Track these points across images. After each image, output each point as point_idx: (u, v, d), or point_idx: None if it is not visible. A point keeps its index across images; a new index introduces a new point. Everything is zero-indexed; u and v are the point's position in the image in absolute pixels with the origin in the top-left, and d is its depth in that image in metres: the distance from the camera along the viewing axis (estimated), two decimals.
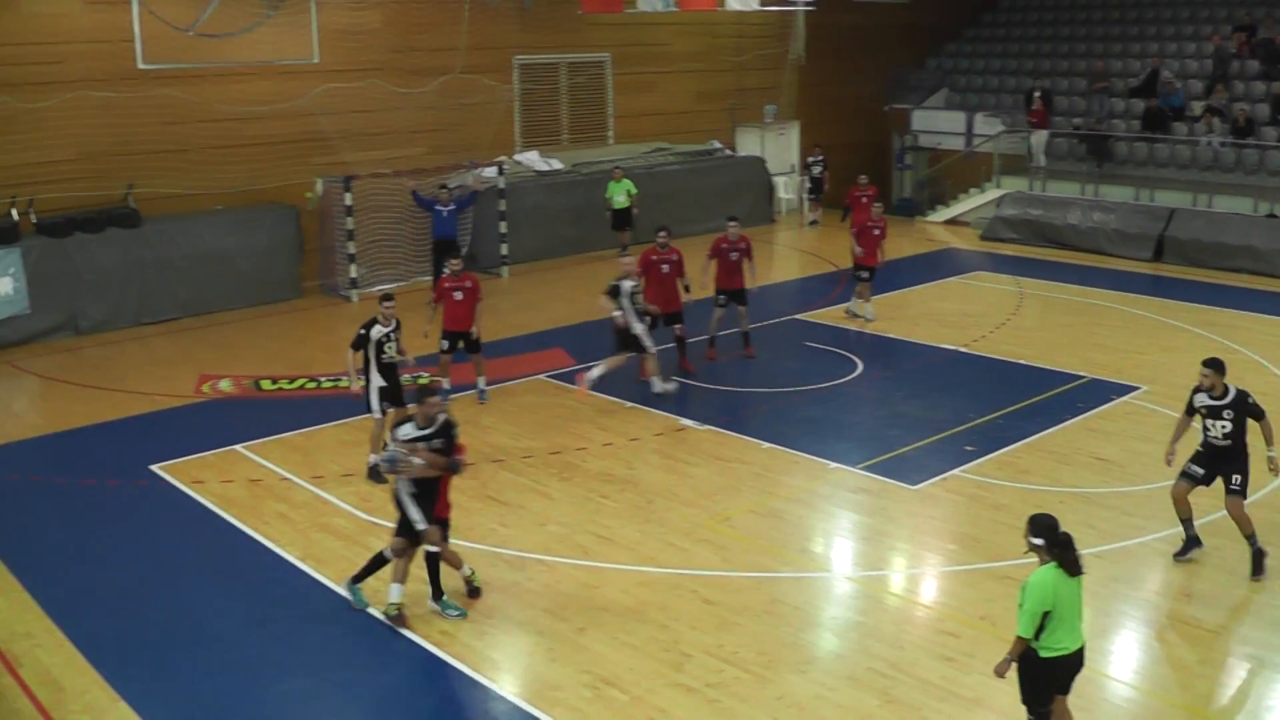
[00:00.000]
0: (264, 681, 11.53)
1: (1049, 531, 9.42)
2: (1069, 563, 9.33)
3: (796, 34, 37.58)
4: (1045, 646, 9.40)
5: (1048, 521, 9.50)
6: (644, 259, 20.49)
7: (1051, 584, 9.29)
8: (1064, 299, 26.42)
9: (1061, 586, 9.29)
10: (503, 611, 12.85)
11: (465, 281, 19.08)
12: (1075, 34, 41.16)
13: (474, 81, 30.55)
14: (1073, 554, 9.35)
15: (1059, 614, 9.30)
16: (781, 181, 38.43)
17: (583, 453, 17.36)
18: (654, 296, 20.34)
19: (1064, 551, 9.34)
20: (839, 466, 16.74)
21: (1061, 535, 9.38)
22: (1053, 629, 9.34)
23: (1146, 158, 33.46)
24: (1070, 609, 9.35)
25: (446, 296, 18.97)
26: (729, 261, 21.57)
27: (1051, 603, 9.25)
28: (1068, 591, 9.32)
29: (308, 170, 27.71)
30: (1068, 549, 9.34)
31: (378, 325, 16.26)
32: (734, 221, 22.15)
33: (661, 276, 20.42)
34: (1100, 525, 14.61)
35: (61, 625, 12.61)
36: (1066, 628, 9.37)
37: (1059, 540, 9.37)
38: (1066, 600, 9.31)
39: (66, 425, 19.02)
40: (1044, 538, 9.42)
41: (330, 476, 16.54)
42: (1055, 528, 9.44)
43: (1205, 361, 13.94)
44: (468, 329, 19.11)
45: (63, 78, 24.51)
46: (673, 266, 20.51)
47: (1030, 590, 9.31)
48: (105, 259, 24.51)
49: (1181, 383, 19.84)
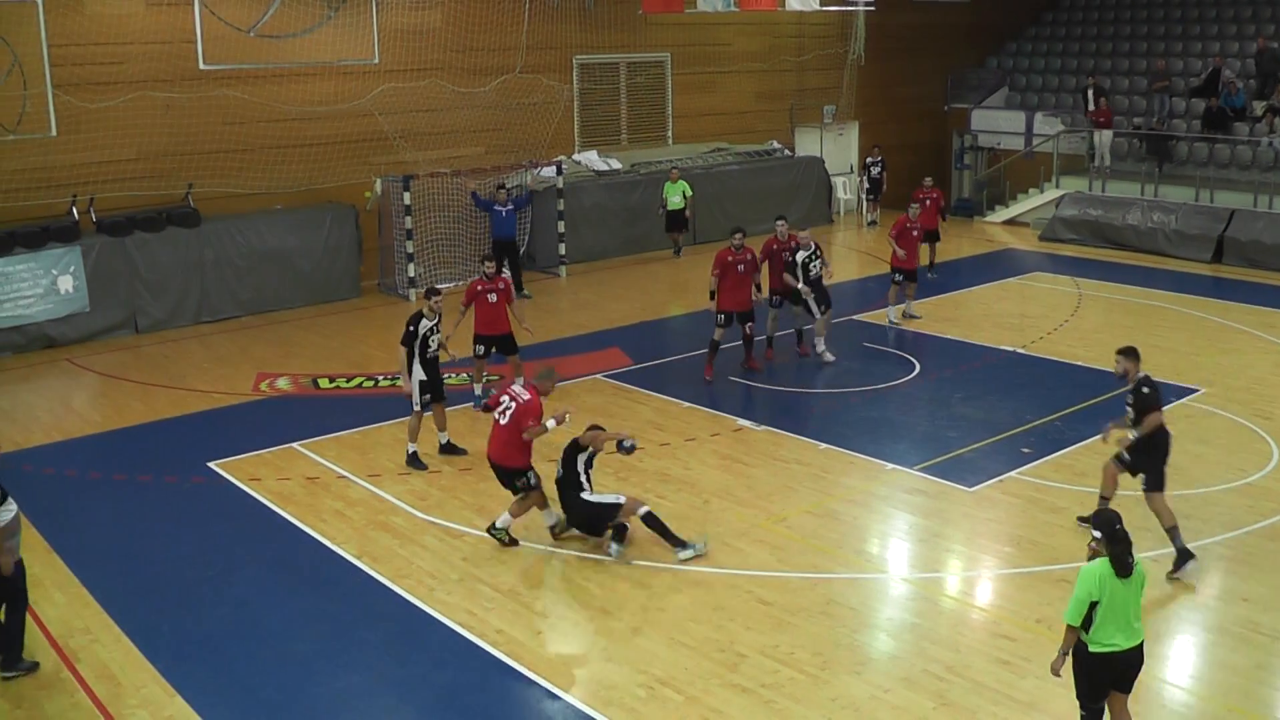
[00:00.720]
0: (320, 678, 11.59)
1: (1108, 526, 9.51)
2: (1118, 560, 9.36)
3: (856, 34, 37.44)
4: (1095, 641, 9.43)
5: (1109, 516, 9.62)
6: (719, 259, 20.43)
7: (1100, 576, 9.35)
8: (1123, 300, 26.21)
9: (1112, 582, 9.32)
10: (558, 611, 12.88)
11: (499, 283, 19.12)
12: (1136, 33, 40.86)
13: (534, 81, 30.63)
14: (1125, 553, 9.37)
15: (1108, 608, 9.33)
16: (840, 182, 38.35)
17: (640, 452, 17.29)
18: (728, 296, 20.36)
19: (1116, 547, 9.39)
20: (895, 468, 16.67)
21: (1119, 531, 9.43)
22: (1101, 623, 9.37)
23: (1207, 158, 33.18)
24: (1123, 606, 9.37)
25: (480, 299, 18.97)
26: (782, 261, 21.53)
27: (1099, 594, 9.30)
28: (1120, 589, 9.34)
29: (367, 170, 27.83)
30: (1121, 545, 9.39)
31: (424, 319, 16.61)
32: (782, 220, 22.15)
33: (738, 276, 20.39)
34: (1156, 528, 14.40)
35: (118, 620, 12.73)
36: (1117, 624, 9.38)
37: (1116, 536, 9.42)
38: (1118, 597, 9.34)
39: (125, 422, 19.19)
40: (1103, 531, 9.51)
41: (387, 475, 16.61)
42: (1115, 523, 9.51)
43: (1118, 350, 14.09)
44: (504, 331, 19.12)
45: (125, 78, 24.72)
46: (748, 266, 20.47)
47: (1081, 579, 9.42)
48: (165, 258, 24.72)
49: (1240, 385, 19.82)
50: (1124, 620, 9.40)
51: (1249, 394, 19.56)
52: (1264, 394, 19.59)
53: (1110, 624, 9.38)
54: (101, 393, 20.99)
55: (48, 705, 11.22)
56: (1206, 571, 13.60)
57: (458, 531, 14.77)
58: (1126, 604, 9.39)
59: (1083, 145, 35.58)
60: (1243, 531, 14.46)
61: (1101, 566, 9.41)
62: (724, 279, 20.34)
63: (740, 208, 32.37)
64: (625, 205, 31.49)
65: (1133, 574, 9.40)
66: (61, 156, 24.02)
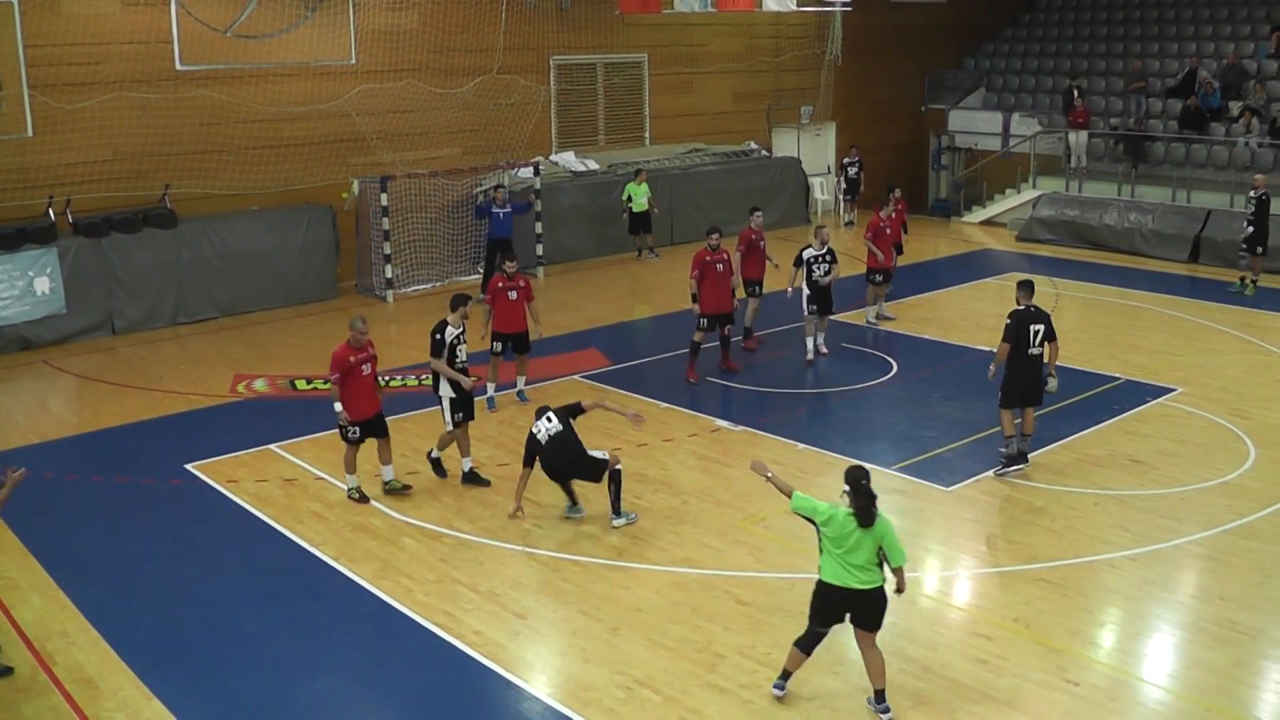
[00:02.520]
0: (298, 681, 11.58)
1: (854, 481, 10.42)
2: (861, 512, 10.33)
3: (833, 34, 37.47)
4: (825, 571, 10.58)
5: (857, 473, 10.49)
6: (698, 260, 20.46)
7: (836, 513, 10.47)
8: (1100, 300, 26.29)
9: (849, 525, 10.37)
10: (536, 612, 12.87)
11: (519, 281, 19.16)
12: (1112, 34, 40.96)
13: (511, 82, 30.61)
14: (867, 506, 10.32)
15: (836, 542, 10.44)
16: (817, 182, 38.41)
17: (618, 453, 17.32)
18: (710, 298, 20.39)
19: (860, 500, 10.34)
20: (873, 468, 16.55)
21: (864, 486, 10.36)
22: (828, 557, 10.53)
23: (1184, 158, 33.28)
24: (856, 549, 10.39)
25: (500, 296, 18.99)
26: (759, 251, 21.89)
27: (826, 523, 10.49)
28: (858, 535, 10.35)
29: (344, 170, 27.80)
30: (864, 500, 10.33)
31: (449, 328, 15.94)
32: (758, 212, 22.51)
33: (717, 276, 20.41)
34: (1134, 528, 14.54)
35: (96, 623, 12.69)
36: (848, 564, 10.41)
37: (860, 490, 10.35)
38: (853, 541, 10.38)
39: (102, 424, 19.14)
40: (850, 485, 10.43)
41: (365, 476, 16.56)
42: (860, 479, 10.41)
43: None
44: (521, 329, 19.15)
45: (101, 79, 24.62)
46: (726, 265, 20.52)
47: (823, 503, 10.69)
48: (141, 259, 24.65)
49: (1218, 385, 19.91)
50: (859, 561, 10.37)
51: (1226, 394, 19.63)
52: (1241, 393, 19.67)
53: (839, 561, 10.42)
54: (78, 395, 20.92)
55: (25, 709, 11.17)
56: (1183, 570, 13.68)
57: (436, 533, 14.75)
58: (860, 548, 10.36)
59: (1059, 146, 35.67)
60: (1219, 530, 14.50)
61: (842, 509, 10.46)
62: (704, 280, 20.37)
63: (717, 208, 32.41)
64: (603, 206, 31.47)
65: (874, 526, 10.32)
66: (38, 157, 23.92)
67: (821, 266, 21.11)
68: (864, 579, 10.40)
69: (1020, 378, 16.15)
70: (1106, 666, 11.68)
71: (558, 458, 14.79)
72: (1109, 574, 13.57)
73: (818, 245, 21.17)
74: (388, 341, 23.89)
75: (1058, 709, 10.79)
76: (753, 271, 22.09)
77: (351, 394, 15.48)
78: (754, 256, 22.03)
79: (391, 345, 23.45)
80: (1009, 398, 16.22)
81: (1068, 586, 13.17)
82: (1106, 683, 11.31)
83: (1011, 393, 16.21)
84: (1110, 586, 13.38)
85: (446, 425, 16.15)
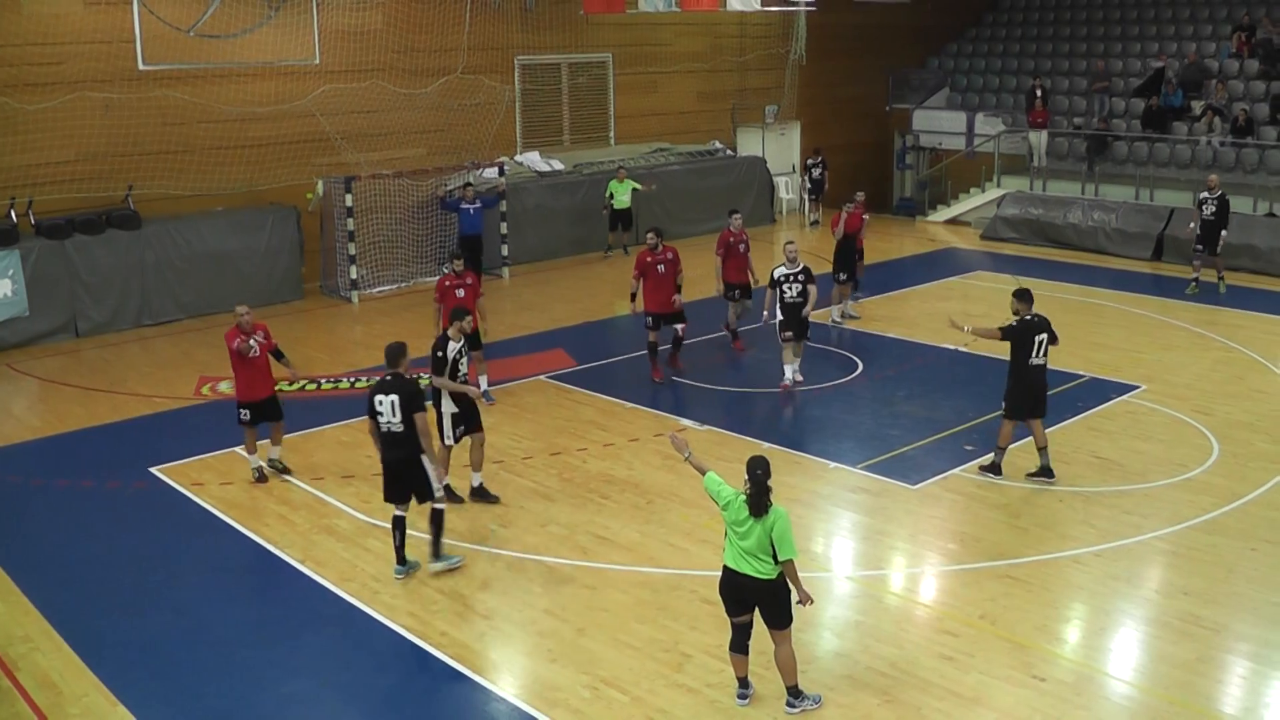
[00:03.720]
0: (264, 684, 11.53)
1: (751, 471, 10.53)
2: (752, 501, 10.47)
3: (798, 34, 37.51)
4: (726, 557, 10.75)
5: (755, 462, 10.59)
6: (640, 260, 20.53)
7: (734, 499, 10.64)
8: (1064, 298, 26.38)
9: (744, 512, 10.52)
10: (502, 613, 12.85)
11: (467, 279, 19.13)
12: (1075, 34, 41.22)
13: (475, 82, 30.57)
14: (759, 495, 10.45)
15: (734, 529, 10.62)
16: (782, 181, 38.47)
17: (583, 453, 17.36)
18: (652, 297, 20.42)
19: (752, 490, 10.48)
20: (839, 466, 16.74)
21: (759, 476, 10.48)
22: (728, 540, 10.72)
23: (1146, 157, 33.46)
24: (743, 536, 10.55)
25: (449, 294, 18.97)
26: (739, 254, 21.78)
27: (725, 503, 10.72)
28: (753, 525, 10.48)
29: (309, 171, 27.71)
30: (757, 489, 10.46)
31: (451, 343, 15.18)
32: (737, 214, 22.32)
33: (659, 277, 20.39)
34: (1099, 524, 14.61)
35: (59, 628, 12.61)
36: (736, 549, 10.61)
37: (754, 480, 10.48)
38: (748, 529, 10.50)
39: (66, 427, 19.03)
40: (748, 475, 10.54)
41: (330, 478, 16.54)
42: (756, 469, 10.52)
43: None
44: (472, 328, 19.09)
45: (63, 79, 24.49)
46: (668, 266, 20.47)
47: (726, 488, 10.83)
48: (105, 260, 24.52)
49: (1181, 382, 20.03)
50: (754, 550, 10.50)
51: (1189, 390, 19.74)
52: (1204, 390, 19.78)
53: (737, 546, 10.58)
54: (41, 398, 20.80)
55: None
56: (1148, 565, 13.75)
57: None
58: (751, 535, 10.49)
59: (1024, 145, 35.83)
60: (1183, 526, 14.59)
61: (739, 495, 10.62)
62: (645, 280, 20.45)
63: (682, 208, 32.49)
64: (568, 206, 31.47)
65: (766, 516, 10.44)
66: None
67: (794, 287, 19.69)
68: (757, 568, 10.49)
69: (1026, 388, 15.87)
70: (1072, 662, 11.73)
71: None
72: (1074, 570, 13.63)
73: (788, 264, 20.08)
74: (353, 343, 23.93)
75: (1024, 705, 10.83)
76: (732, 275, 21.86)
77: (243, 378, 16.38)
78: (734, 260, 21.80)
79: (357, 347, 23.47)
80: (1015, 409, 15.98)
81: (1034, 583, 13.23)
82: (1072, 678, 11.37)
83: (1018, 404, 15.94)
84: (1076, 583, 13.44)
85: (446, 441, 15.45)
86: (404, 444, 13.36)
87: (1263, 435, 17.72)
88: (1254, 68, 34.64)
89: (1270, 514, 14.93)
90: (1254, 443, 17.44)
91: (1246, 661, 11.74)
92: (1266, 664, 11.68)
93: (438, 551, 13.72)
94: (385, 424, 13.34)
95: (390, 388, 13.29)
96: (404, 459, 13.43)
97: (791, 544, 10.47)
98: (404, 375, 13.49)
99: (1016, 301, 16.11)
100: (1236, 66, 35.07)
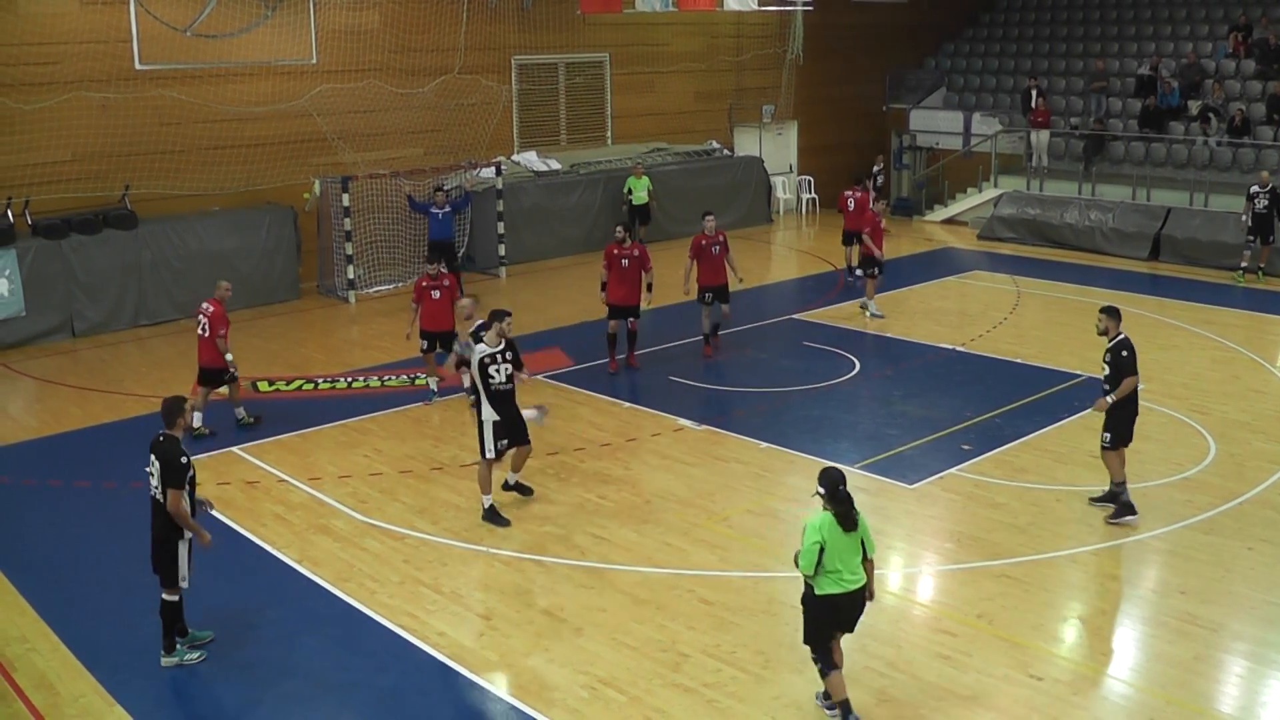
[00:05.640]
0: (261, 685, 11.50)
1: (831, 486, 10.24)
2: (841, 516, 10.15)
3: (795, 34, 37.47)
4: (822, 585, 10.24)
5: (833, 477, 10.31)
6: (607, 254, 20.89)
7: (825, 525, 10.15)
8: (1061, 298, 26.41)
9: (834, 531, 10.14)
10: (500, 613, 12.84)
11: (443, 280, 19.25)
12: (1073, 34, 41.19)
13: (472, 82, 30.54)
14: (846, 510, 10.17)
15: (833, 554, 10.15)
16: (779, 181, 38.45)
17: (580, 453, 17.35)
18: (616, 290, 20.78)
19: (839, 506, 10.17)
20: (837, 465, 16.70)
21: (841, 492, 10.20)
22: (828, 569, 10.17)
23: (1143, 157, 33.46)
24: (846, 554, 10.21)
25: (425, 296, 19.10)
26: (712, 257, 21.75)
27: (825, 538, 10.12)
28: (844, 539, 10.17)
29: (305, 171, 27.67)
30: (843, 505, 10.17)
31: (482, 344, 14.86)
32: (710, 216, 22.34)
33: (622, 271, 20.72)
34: (1096, 523, 14.60)
35: (56, 629, 12.60)
36: (840, 571, 10.20)
37: (837, 496, 10.18)
38: (841, 545, 10.17)
39: (62, 428, 19.01)
40: (826, 489, 10.24)
41: (327, 478, 16.53)
42: (838, 484, 10.24)
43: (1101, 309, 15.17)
44: (447, 328, 19.18)
45: (59, 78, 24.44)
46: (633, 262, 20.75)
47: (807, 531, 10.22)
48: (102, 260, 24.49)
49: (1178, 381, 20.03)
50: (847, 566, 10.21)
51: (1186, 390, 19.74)
52: (1201, 390, 19.79)
53: (834, 570, 10.17)
54: (38, 398, 20.78)
55: None
56: (1144, 564, 13.76)
57: (399, 534, 14.71)
58: (849, 552, 10.22)
59: (1020, 145, 35.84)
60: (1180, 525, 14.59)
61: (824, 518, 10.18)
62: (610, 273, 20.76)
63: (680, 208, 32.47)
64: (565, 206, 31.46)
65: (856, 528, 10.21)
66: None
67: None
68: (857, 577, 10.32)
69: (1134, 413, 14.71)
70: (1069, 661, 11.73)
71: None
72: (1072, 569, 13.64)
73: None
74: (350, 343, 23.92)
75: (1021, 704, 10.83)
76: (706, 278, 21.75)
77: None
78: (706, 263, 21.71)
79: (354, 347, 23.48)
80: (1123, 436, 14.66)
81: (1030, 582, 13.22)
82: (1069, 677, 11.37)
83: (1125, 431, 14.66)
84: (1073, 582, 13.46)
85: (488, 454, 14.78)
86: (158, 515, 11.76)
87: (1260, 434, 17.73)
88: (1250, 68, 34.63)
89: (1267, 513, 14.93)
90: (1251, 442, 17.45)
91: (1244, 660, 11.74)
92: (1264, 663, 11.68)
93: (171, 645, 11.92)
94: (152, 489, 11.78)
95: (155, 449, 11.75)
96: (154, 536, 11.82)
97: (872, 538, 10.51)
98: (175, 437, 11.81)
99: (1107, 319, 14.87)
100: (1233, 66, 35.07)
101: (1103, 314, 14.96)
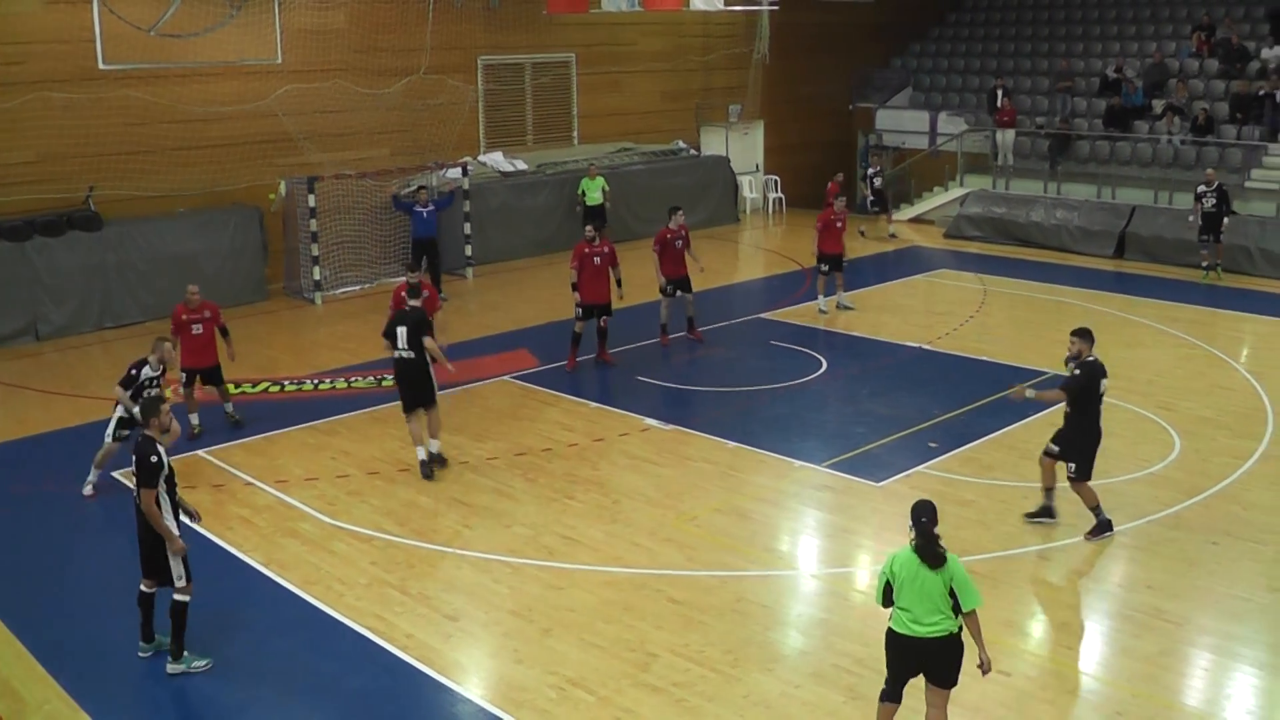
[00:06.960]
0: (228, 690, 11.45)
1: (914, 515, 9.72)
2: (922, 551, 9.59)
3: (761, 33, 37.55)
4: (896, 620, 9.73)
5: (918, 506, 9.79)
6: (577, 252, 21.00)
7: (898, 560, 9.66)
8: (1027, 296, 26.51)
9: (912, 567, 9.57)
10: (468, 614, 12.81)
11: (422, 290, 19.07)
12: (1038, 34, 41.37)
13: (439, 82, 30.45)
14: (928, 544, 9.58)
15: (905, 591, 9.60)
16: (746, 181, 38.47)
17: (548, 453, 17.33)
18: (588, 289, 20.90)
19: (919, 540, 9.62)
20: (804, 465, 16.75)
21: (924, 525, 9.63)
22: (900, 604, 9.65)
23: (1108, 156, 33.62)
24: (925, 593, 9.55)
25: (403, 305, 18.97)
26: (675, 250, 22.21)
27: (894, 575, 9.65)
28: (922, 578, 9.54)
29: (272, 171, 27.53)
30: (923, 539, 9.61)
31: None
32: (678, 210, 22.73)
33: (594, 268, 20.89)
34: (1063, 519, 14.64)
35: (20, 635, 12.52)
36: (916, 610, 9.58)
37: (920, 529, 9.64)
38: (919, 583, 9.55)
39: (26, 432, 18.87)
40: (913, 522, 9.71)
41: (294, 481, 16.47)
42: (920, 516, 9.68)
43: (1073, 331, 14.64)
44: None
45: (22, 78, 24.27)
46: (604, 259, 20.96)
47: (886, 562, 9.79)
48: (66, 262, 24.31)
49: (1143, 378, 20.11)
50: (927, 607, 9.55)
51: (1151, 386, 19.83)
52: (1166, 386, 19.89)
53: (908, 607, 9.60)
54: (2, 402, 20.58)
55: None
56: (1111, 560, 13.83)
57: (366, 536, 14.67)
58: (931, 592, 9.54)
59: (987, 144, 35.96)
60: (1146, 520, 14.67)
61: (904, 551, 9.68)
62: (582, 272, 20.87)
63: (646, 208, 32.41)
64: (532, 206, 31.41)
65: (945, 565, 9.56)
66: None
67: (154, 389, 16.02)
68: (938, 625, 9.58)
69: (1095, 441, 14.22)
70: (1037, 656, 11.79)
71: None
72: (1039, 565, 13.71)
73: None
74: (316, 344, 23.81)
75: (989, 699, 10.87)
76: (669, 270, 22.30)
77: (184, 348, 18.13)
78: (669, 256, 22.27)
79: (321, 348, 23.37)
80: (1088, 468, 14.18)
81: (998, 578, 13.26)
82: (1037, 672, 11.42)
83: (1090, 461, 14.20)
84: (1040, 577, 13.52)
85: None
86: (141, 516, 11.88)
87: (1224, 430, 17.84)
88: (1214, 67, 34.82)
89: (1232, 508, 15.03)
90: (1216, 438, 17.54)
91: (1209, 654, 11.81)
92: (1229, 656, 11.75)
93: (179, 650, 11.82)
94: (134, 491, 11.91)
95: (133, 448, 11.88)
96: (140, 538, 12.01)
97: (975, 591, 9.64)
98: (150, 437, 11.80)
99: (1079, 341, 14.40)
100: (1197, 66, 35.26)
101: (1074, 336, 14.52)
